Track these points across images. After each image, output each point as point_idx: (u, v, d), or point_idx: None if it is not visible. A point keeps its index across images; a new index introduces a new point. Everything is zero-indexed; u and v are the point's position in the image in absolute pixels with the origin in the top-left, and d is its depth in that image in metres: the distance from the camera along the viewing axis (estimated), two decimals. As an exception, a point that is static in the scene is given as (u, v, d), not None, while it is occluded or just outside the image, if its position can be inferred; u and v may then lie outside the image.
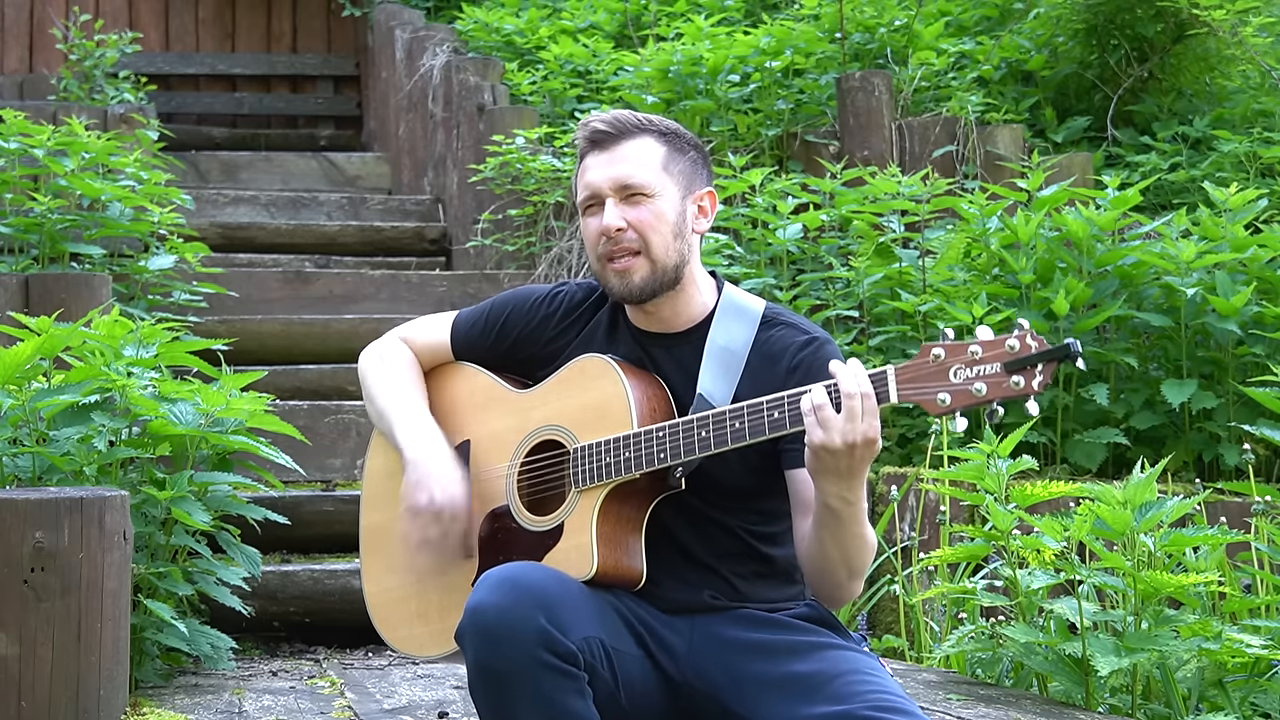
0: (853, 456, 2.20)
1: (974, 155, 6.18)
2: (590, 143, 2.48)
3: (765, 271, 5.38)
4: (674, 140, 2.49)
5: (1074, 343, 2.09)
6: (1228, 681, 3.16)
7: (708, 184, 2.53)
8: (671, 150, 2.48)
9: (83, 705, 2.88)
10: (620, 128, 2.46)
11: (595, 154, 2.47)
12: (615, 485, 2.36)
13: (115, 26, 9.32)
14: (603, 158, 2.46)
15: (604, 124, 2.47)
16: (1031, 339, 2.12)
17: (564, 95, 7.43)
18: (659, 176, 2.44)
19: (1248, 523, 3.55)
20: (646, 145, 2.46)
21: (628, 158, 2.44)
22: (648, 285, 2.43)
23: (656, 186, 2.44)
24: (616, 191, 2.43)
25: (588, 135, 2.48)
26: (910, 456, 4.76)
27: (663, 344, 2.50)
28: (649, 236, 2.42)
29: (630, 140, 2.45)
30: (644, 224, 2.42)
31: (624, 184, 2.43)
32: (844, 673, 2.27)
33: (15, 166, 5.62)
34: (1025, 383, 2.11)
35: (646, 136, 2.46)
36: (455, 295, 6.50)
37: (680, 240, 2.45)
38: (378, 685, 3.50)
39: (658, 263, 2.42)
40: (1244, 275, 4.71)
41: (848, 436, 2.18)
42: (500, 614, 2.16)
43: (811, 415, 2.20)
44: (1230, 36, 6.48)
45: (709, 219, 2.52)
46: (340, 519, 4.56)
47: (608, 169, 2.44)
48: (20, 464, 3.41)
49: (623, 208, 2.42)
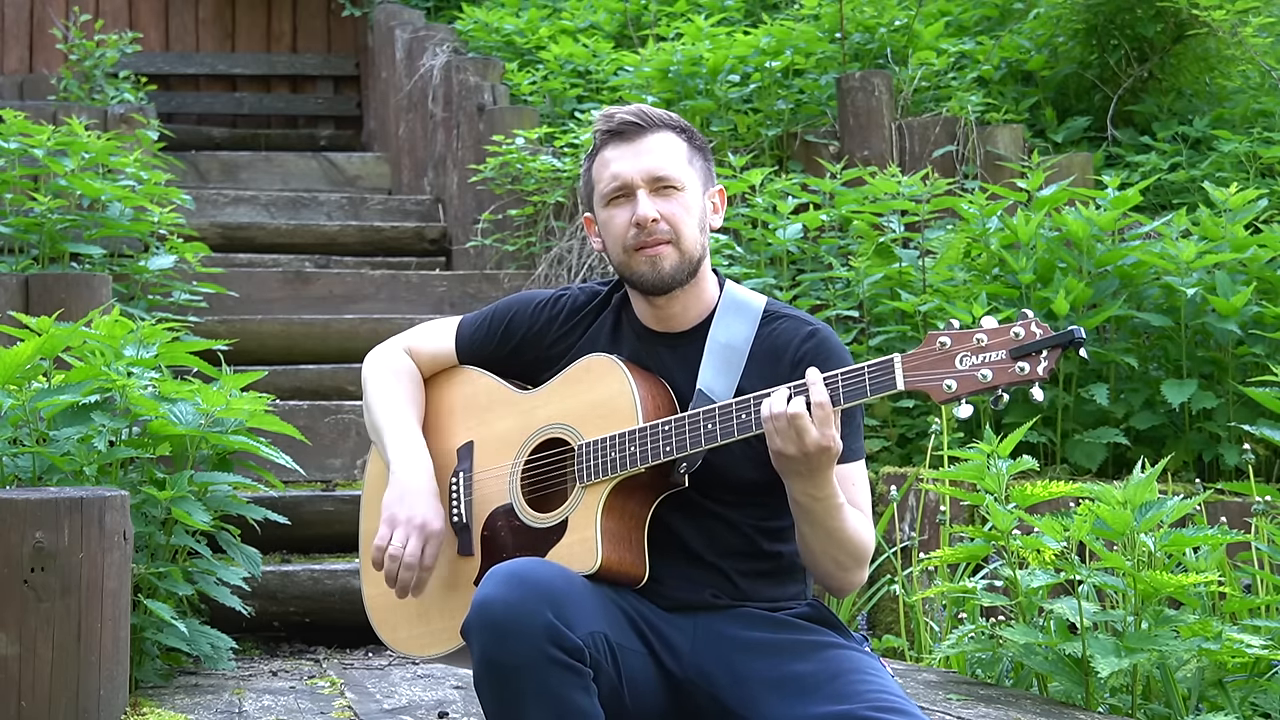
0: (809, 462, 2.24)
1: (974, 155, 6.18)
2: (613, 135, 2.49)
3: (765, 271, 5.38)
4: (693, 138, 2.53)
5: (1078, 329, 2.12)
6: (1228, 681, 3.15)
7: (716, 183, 2.57)
8: (691, 146, 2.51)
9: (83, 705, 2.88)
10: (646, 121, 2.48)
11: (618, 146, 2.48)
12: (620, 480, 2.37)
13: (115, 26, 9.32)
14: (628, 150, 2.47)
15: (631, 115, 2.48)
16: (1036, 326, 2.15)
17: (564, 95, 7.43)
18: (685, 170, 2.48)
19: (1248, 523, 3.55)
20: (670, 140, 2.48)
21: (654, 150, 2.46)
22: (676, 273, 2.45)
23: (685, 179, 2.47)
24: (648, 183, 2.45)
25: (612, 127, 2.49)
26: (910, 456, 4.76)
27: (666, 343, 2.52)
28: (680, 227, 2.45)
29: (655, 134, 2.47)
30: (675, 215, 2.45)
31: (655, 175, 2.45)
32: (844, 672, 2.28)
33: (15, 166, 5.62)
34: (1030, 369, 2.14)
35: (669, 131, 2.49)
36: (455, 295, 6.50)
37: (703, 234, 2.49)
38: (378, 685, 3.50)
39: (685, 253, 2.46)
40: (1244, 275, 4.71)
41: (803, 445, 2.22)
42: (508, 609, 2.16)
43: (769, 423, 2.24)
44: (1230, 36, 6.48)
45: (720, 216, 2.56)
46: (340, 519, 4.56)
47: (636, 160, 2.46)
48: (20, 464, 3.41)
49: (655, 199, 2.44)
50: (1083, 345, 2.12)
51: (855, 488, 2.41)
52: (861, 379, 2.23)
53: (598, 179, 2.51)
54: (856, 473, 2.43)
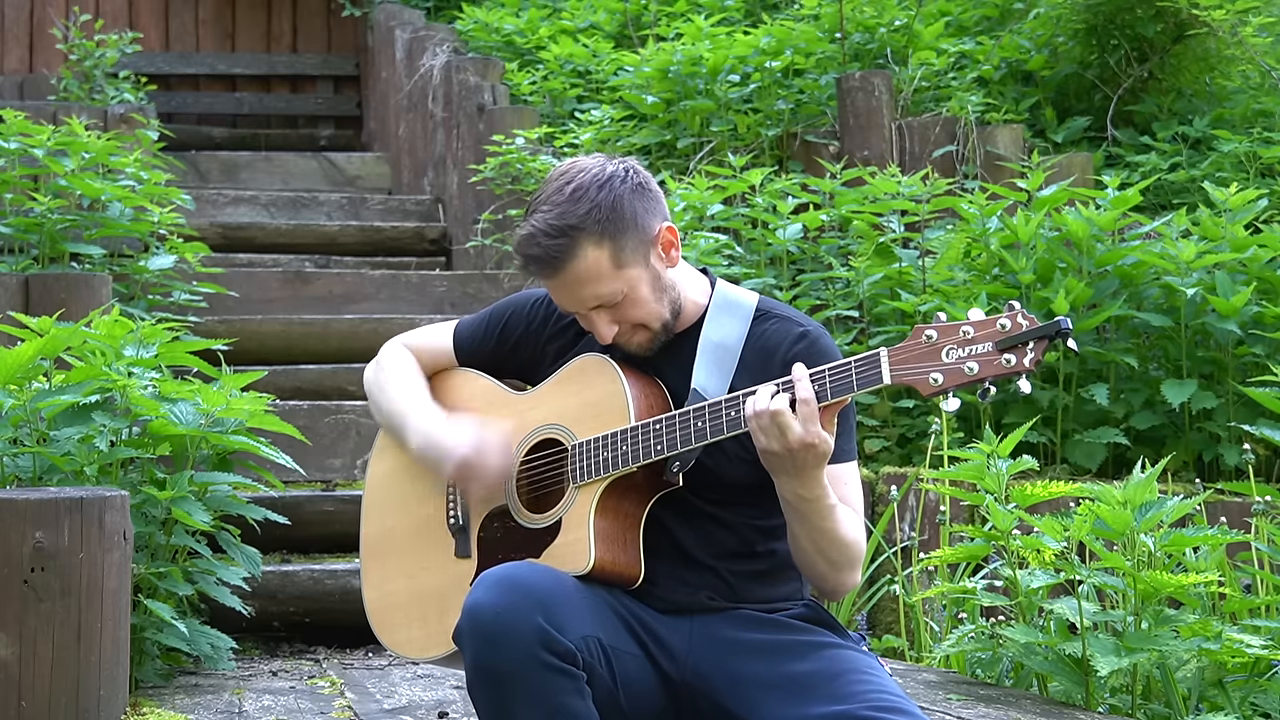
0: (794, 459, 2.22)
1: (974, 155, 6.18)
2: (531, 272, 2.39)
3: (765, 271, 5.38)
4: (610, 223, 2.34)
5: (1064, 320, 2.09)
6: (1228, 681, 3.15)
7: (660, 219, 2.41)
8: (615, 237, 2.35)
9: (83, 705, 2.88)
10: (555, 258, 2.34)
11: (545, 279, 2.39)
12: (612, 480, 2.37)
13: (115, 26, 9.31)
14: (556, 285, 2.38)
15: (538, 255, 2.35)
16: (1023, 318, 2.12)
17: (564, 95, 7.44)
18: (618, 277, 2.36)
19: (1248, 523, 3.55)
20: (589, 258, 2.34)
21: (579, 280, 2.35)
22: (659, 340, 2.44)
23: (622, 285, 2.37)
24: (591, 309, 2.40)
25: (529, 269, 2.39)
26: (910, 456, 4.76)
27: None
28: (644, 319, 2.41)
29: (572, 262, 2.34)
30: (632, 318, 2.40)
31: (594, 304, 2.39)
32: (843, 672, 2.28)
33: (15, 166, 5.62)
34: (1017, 360, 2.11)
35: (584, 247, 2.33)
36: (455, 295, 6.50)
37: (665, 293, 2.43)
38: (378, 685, 3.50)
39: (658, 328, 2.43)
40: (1244, 275, 4.71)
41: (786, 442, 2.20)
42: (498, 614, 2.16)
43: (753, 420, 2.23)
44: (1230, 36, 6.48)
45: (679, 247, 2.45)
46: (340, 519, 4.56)
47: (568, 294, 2.39)
48: (21, 464, 3.41)
49: (605, 314, 2.40)
50: (1069, 335, 2.08)
51: (847, 488, 2.39)
52: (848, 374, 2.20)
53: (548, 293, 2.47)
54: (849, 473, 2.41)
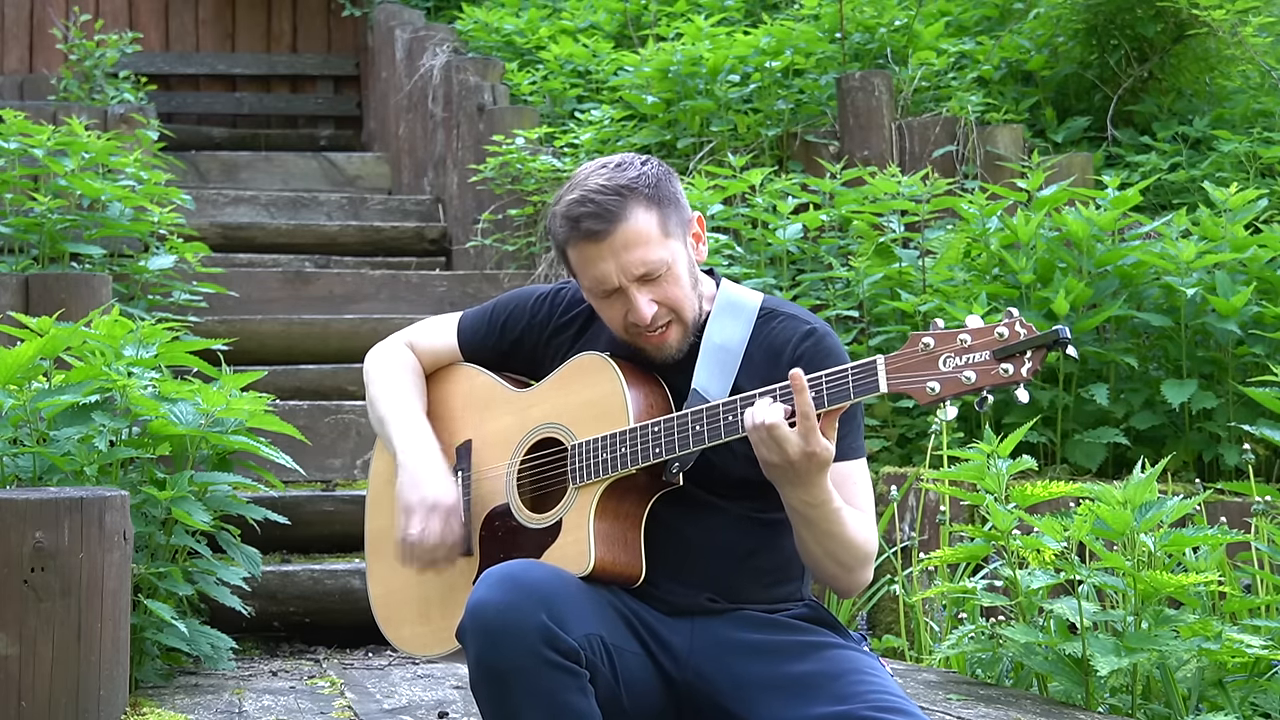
0: (795, 470, 2.21)
1: (974, 155, 6.17)
2: (583, 236, 2.34)
3: (765, 271, 5.38)
4: (658, 191, 2.36)
5: (1062, 329, 2.08)
6: (1228, 681, 3.15)
7: (689, 212, 2.44)
8: (662, 206, 2.36)
9: (83, 705, 2.88)
10: (610, 212, 2.32)
11: (592, 244, 2.34)
12: (612, 481, 2.37)
13: (115, 26, 9.32)
14: (604, 249, 2.33)
15: (593, 211, 2.32)
16: (1020, 326, 2.10)
17: (564, 95, 7.44)
18: (665, 246, 2.35)
19: (1248, 523, 3.55)
20: (641, 219, 2.33)
21: (630, 243, 2.32)
22: (682, 344, 2.42)
23: (669, 255, 2.36)
24: (635, 279, 2.35)
25: (578, 231, 2.33)
26: (910, 456, 4.76)
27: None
28: (679, 305, 2.38)
29: (625, 221, 2.32)
30: (670, 297, 2.37)
31: (641, 272, 2.34)
32: (844, 673, 2.27)
33: (15, 166, 5.62)
34: (1014, 370, 2.10)
35: (636, 207, 2.33)
36: (455, 295, 6.50)
37: (698, 285, 2.43)
38: (378, 685, 3.50)
39: (689, 322, 2.41)
40: (1244, 275, 4.71)
41: (786, 455, 2.19)
42: (501, 612, 2.16)
43: (752, 433, 2.22)
44: (1230, 36, 6.48)
45: (705, 245, 2.46)
46: (340, 519, 4.56)
47: (615, 260, 2.33)
48: (21, 464, 3.41)
49: (646, 290, 2.36)
50: (1069, 345, 2.07)
51: (855, 487, 2.37)
52: (845, 382, 2.19)
53: (579, 272, 2.39)
54: (857, 471, 2.39)
